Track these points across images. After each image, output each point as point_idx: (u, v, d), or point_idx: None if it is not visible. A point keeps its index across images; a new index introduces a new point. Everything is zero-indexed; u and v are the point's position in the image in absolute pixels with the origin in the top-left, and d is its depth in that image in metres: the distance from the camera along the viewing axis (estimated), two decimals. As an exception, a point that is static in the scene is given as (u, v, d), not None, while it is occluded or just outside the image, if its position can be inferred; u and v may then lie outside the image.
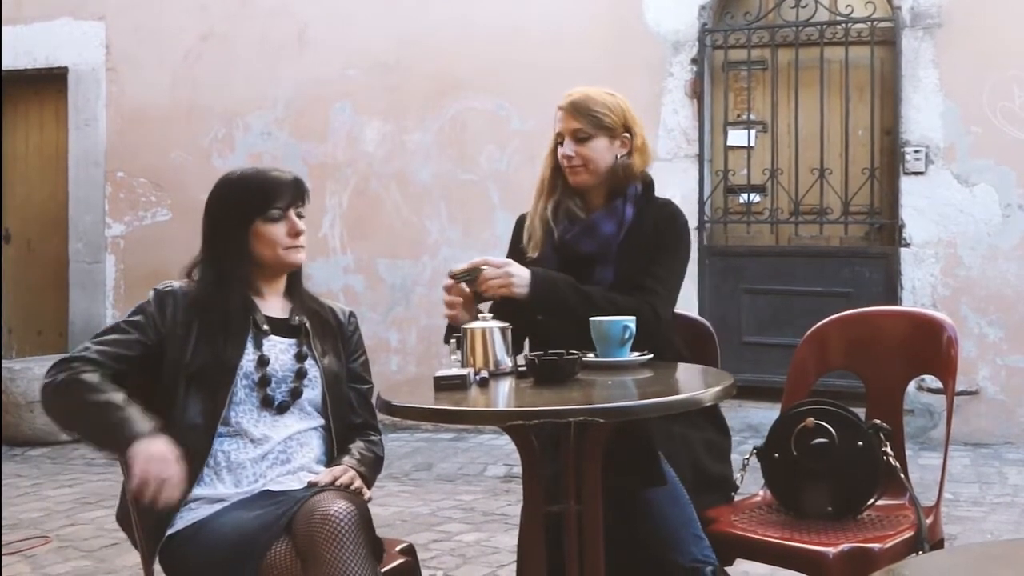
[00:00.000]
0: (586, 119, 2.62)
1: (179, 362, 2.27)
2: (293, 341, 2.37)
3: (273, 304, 2.40)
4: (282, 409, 2.32)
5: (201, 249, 2.39)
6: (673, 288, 2.65)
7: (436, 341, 6.40)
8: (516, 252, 2.73)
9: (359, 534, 2.07)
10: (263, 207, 2.32)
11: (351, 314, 2.54)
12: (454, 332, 2.45)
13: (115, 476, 2.37)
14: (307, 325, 2.40)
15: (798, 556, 2.33)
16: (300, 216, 2.37)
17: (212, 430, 2.25)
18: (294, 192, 2.36)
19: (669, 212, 2.71)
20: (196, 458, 2.22)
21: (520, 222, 2.79)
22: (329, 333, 2.45)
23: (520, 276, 2.50)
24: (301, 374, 2.34)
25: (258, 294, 2.39)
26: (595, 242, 2.64)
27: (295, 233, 2.35)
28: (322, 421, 2.38)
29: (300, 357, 2.36)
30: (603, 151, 2.63)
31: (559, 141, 2.67)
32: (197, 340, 2.28)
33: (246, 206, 2.33)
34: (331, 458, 2.38)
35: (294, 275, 2.45)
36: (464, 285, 2.49)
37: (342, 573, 2.02)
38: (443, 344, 2.52)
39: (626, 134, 2.66)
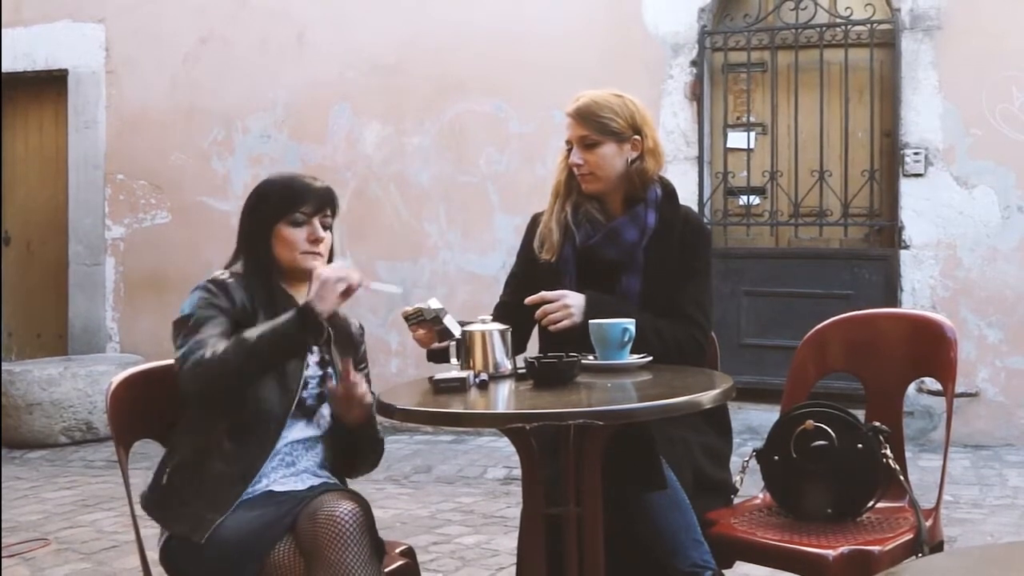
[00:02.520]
0: (592, 125, 2.59)
1: None
2: (315, 348, 2.38)
3: None
4: (310, 413, 2.34)
5: (236, 247, 2.43)
6: (711, 313, 2.66)
7: (436, 343, 6.43)
8: (529, 251, 2.72)
9: (363, 535, 2.08)
10: (288, 210, 2.36)
11: (361, 326, 2.57)
12: (435, 355, 2.48)
13: (115, 479, 2.36)
14: (331, 333, 2.39)
15: (798, 558, 2.32)
16: (326, 226, 2.40)
17: (285, 417, 2.28)
18: (321, 200, 2.39)
19: (696, 225, 2.71)
20: (267, 443, 2.25)
21: (534, 221, 2.76)
22: (348, 344, 2.48)
23: (577, 305, 2.50)
24: (325, 380, 2.37)
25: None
26: (618, 249, 2.62)
27: (314, 239, 2.37)
28: (330, 429, 2.39)
29: (323, 364, 2.39)
30: (612, 157, 2.61)
31: (569, 147, 2.65)
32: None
33: (274, 207, 2.37)
34: (333, 464, 2.38)
35: None
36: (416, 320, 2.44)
37: (346, 574, 2.03)
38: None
39: (636, 136, 2.62)
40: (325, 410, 2.38)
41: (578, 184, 2.66)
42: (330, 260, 2.43)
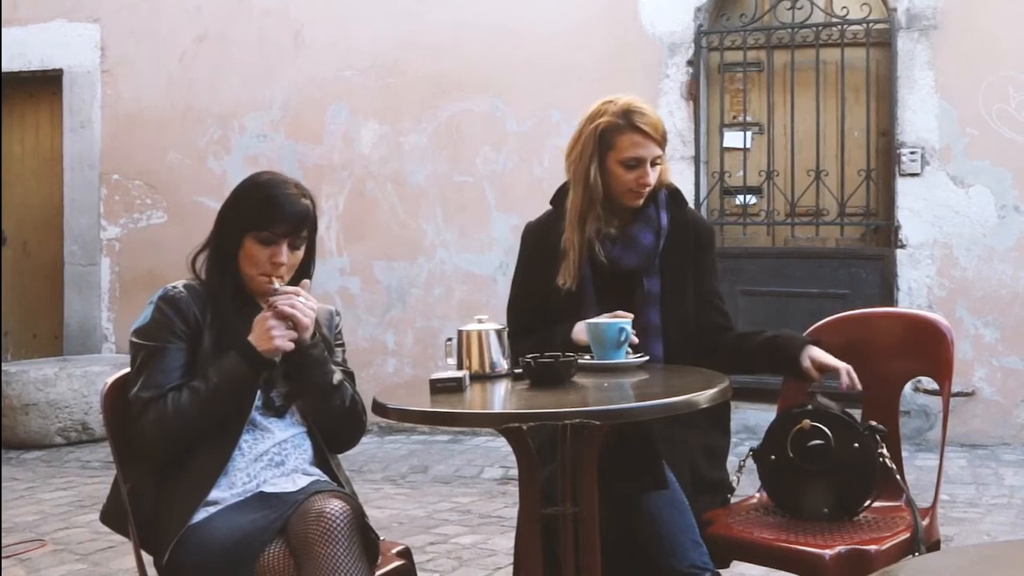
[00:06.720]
0: (663, 145, 2.66)
1: (206, 358, 2.27)
2: None
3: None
4: (280, 412, 2.32)
5: (208, 237, 2.36)
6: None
7: (432, 343, 6.42)
8: (531, 269, 2.71)
9: (353, 532, 2.08)
10: (260, 225, 2.27)
11: (336, 312, 2.51)
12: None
13: (111, 479, 2.35)
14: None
15: (794, 558, 2.33)
16: (296, 246, 2.31)
17: (240, 428, 2.25)
18: (295, 224, 2.28)
19: (706, 224, 2.83)
20: (221, 456, 2.23)
21: (528, 233, 2.76)
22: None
23: None
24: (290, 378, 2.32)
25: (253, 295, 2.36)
26: (637, 255, 2.65)
27: (275, 263, 2.28)
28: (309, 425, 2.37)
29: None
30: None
31: (632, 164, 2.60)
32: (220, 336, 2.27)
33: (247, 217, 2.28)
34: (322, 459, 2.37)
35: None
36: None
37: (335, 569, 2.04)
38: (444, 346, 2.51)
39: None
40: (297, 408, 2.35)
41: (600, 204, 2.63)
42: (305, 274, 2.37)
